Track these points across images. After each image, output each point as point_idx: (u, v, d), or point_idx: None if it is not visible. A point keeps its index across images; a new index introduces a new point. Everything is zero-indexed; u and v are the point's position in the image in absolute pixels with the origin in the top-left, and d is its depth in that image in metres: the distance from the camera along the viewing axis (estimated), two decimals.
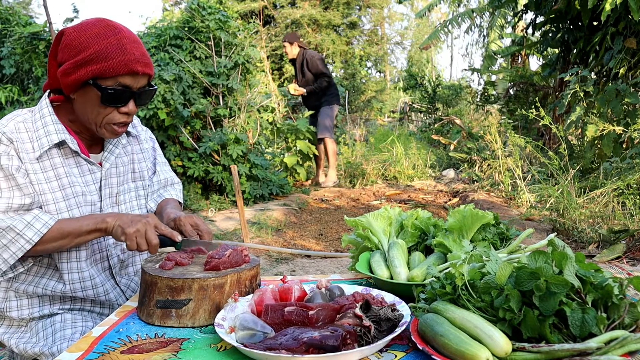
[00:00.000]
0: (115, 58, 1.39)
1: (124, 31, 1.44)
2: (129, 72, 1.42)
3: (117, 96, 1.43)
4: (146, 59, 1.45)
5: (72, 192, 1.50)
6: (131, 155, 1.70)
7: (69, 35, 1.44)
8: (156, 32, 6.41)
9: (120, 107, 1.46)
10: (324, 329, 1.02)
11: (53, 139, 1.47)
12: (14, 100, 6.30)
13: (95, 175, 1.57)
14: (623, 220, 3.86)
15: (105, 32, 1.42)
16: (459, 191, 7.12)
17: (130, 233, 1.38)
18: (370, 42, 26.55)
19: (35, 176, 1.45)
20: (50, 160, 1.48)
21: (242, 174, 6.05)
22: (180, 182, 1.93)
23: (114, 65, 1.39)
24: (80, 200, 1.51)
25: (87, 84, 1.42)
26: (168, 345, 1.12)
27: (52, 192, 1.46)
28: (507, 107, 9.69)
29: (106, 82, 1.41)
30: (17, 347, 1.53)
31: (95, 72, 1.39)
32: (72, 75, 1.41)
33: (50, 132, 1.47)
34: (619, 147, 4.93)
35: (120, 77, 1.41)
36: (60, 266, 1.51)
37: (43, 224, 1.38)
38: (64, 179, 1.49)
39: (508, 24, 11.83)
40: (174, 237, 1.45)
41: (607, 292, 0.96)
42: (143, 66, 1.44)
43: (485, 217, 1.47)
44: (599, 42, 5.88)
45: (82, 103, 1.46)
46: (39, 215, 1.39)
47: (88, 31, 1.42)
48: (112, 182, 1.62)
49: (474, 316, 0.98)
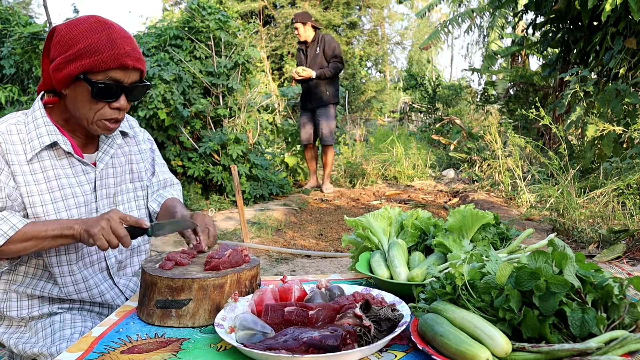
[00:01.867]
0: (105, 52, 1.39)
1: (114, 26, 1.44)
2: (119, 66, 1.41)
3: (108, 91, 1.43)
4: (137, 54, 1.45)
5: (62, 195, 1.49)
6: (129, 155, 1.69)
7: (60, 32, 1.44)
8: (156, 32, 6.41)
9: (112, 102, 1.45)
10: (324, 329, 1.02)
11: (45, 141, 1.47)
12: (14, 100, 6.29)
13: (89, 175, 1.56)
14: (623, 220, 3.85)
15: (95, 27, 1.41)
16: (459, 191, 7.12)
17: (95, 233, 1.35)
18: (370, 42, 26.56)
19: (24, 178, 1.45)
20: (40, 163, 1.48)
21: (242, 174, 6.05)
22: (180, 183, 1.92)
23: (104, 59, 1.39)
24: (70, 202, 1.50)
25: (77, 79, 1.41)
26: (168, 345, 1.12)
27: (40, 195, 1.46)
28: (507, 107, 9.69)
29: (97, 77, 1.41)
30: (16, 347, 1.53)
31: (85, 66, 1.39)
32: (63, 70, 1.41)
33: (42, 133, 1.47)
34: (619, 147, 4.93)
35: (110, 71, 1.41)
36: (52, 270, 1.51)
37: (10, 227, 1.37)
38: (53, 181, 1.48)
39: (508, 24, 11.83)
40: (141, 225, 1.41)
41: (607, 292, 0.96)
42: (134, 60, 1.43)
43: (485, 217, 1.47)
44: (599, 42, 5.88)
45: (73, 99, 1.46)
46: (7, 217, 1.38)
47: (79, 27, 1.42)
48: (109, 182, 1.61)
49: (474, 316, 0.98)
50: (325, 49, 6.68)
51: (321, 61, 6.68)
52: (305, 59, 6.81)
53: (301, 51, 6.90)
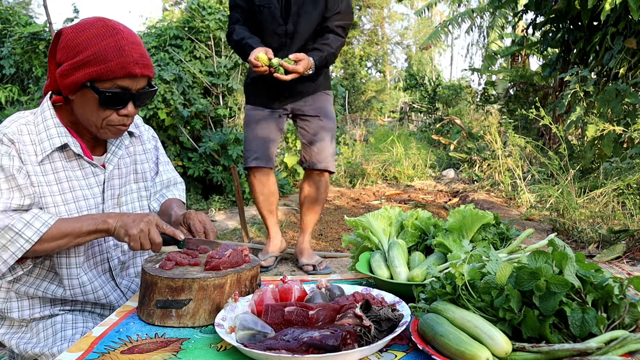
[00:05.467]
0: (112, 60, 1.36)
1: (122, 32, 1.41)
2: (127, 75, 1.39)
3: (116, 99, 1.41)
4: (145, 60, 1.43)
5: (73, 197, 1.49)
6: (133, 156, 1.69)
7: (67, 36, 1.42)
8: (156, 32, 6.41)
9: (119, 109, 1.44)
10: (324, 329, 1.02)
11: (55, 143, 1.46)
12: (14, 100, 6.29)
13: (98, 177, 1.56)
14: (623, 220, 3.85)
15: (103, 33, 1.39)
16: (459, 191, 7.12)
17: (134, 234, 1.36)
18: (370, 42, 26.56)
19: (37, 178, 1.44)
20: (52, 164, 1.47)
21: (242, 174, 6.06)
22: (183, 182, 1.91)
23: (112, 67, 1.37)
24: (81, 204, 1.50)
25: (85, 86, 1.40)
26: (168, 345, 1.12)
27: (52, 196, 1.45)
28: (507, 107, 9.69)
29: (104, 85, 1.39)
30: (17, 348, 1.53)
31: (92, 74, 1.37)
32: (69, 77, 1.39)
33: (52, 135, 1.46)
34: (619, 147, 4.93)
35: (118, 79, 1.39)
36: (60, 271, 1.51)
37: (42, 223, 1.36)
38: (64, 183, 1.48)
39: (508, 24, 11.84)
40: (176, 236, 1.43)
41: (607, 292, 0.96)
42: (142, 68, 1.41)
43: (485, 217, 1.47)
44: (599, 42, 5.88)
45: (81, 105, 1.44)
46: (39, 214, 1.37)
47: (86, 32, 1.40)
48: (114, 183, 1.61)
49: (474, 316, 0.98)
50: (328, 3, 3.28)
51: (307, 28, 3.11)
52: (274, 17, 3.17)
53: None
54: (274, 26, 3.02)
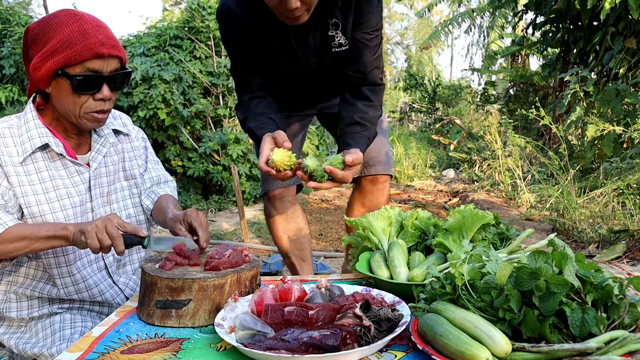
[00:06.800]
0: (78, 44, 1.38)
1: (85, 17, 1.43)
2: (95, 56, 1.40)
3: (87, 82, 1.42)
4: (112, 42, 1.43)
5: (57, 195, 1.49)
6: (122, 153, 1.69)
7: (32, 31, 1.44)
8: (156, 32, 6.41)
9: (94, 93, 1.45)
10: (323, 329, 1.02)
11: (36, 143, 1.47)
12: (14, 100, 6.29)
13: (83, 175, 1.56)
14: (623, 220, 3.85)
15: (66, 21, 1.41)
16: (459, 191, 7.12)
17: (89, 230, 1.33)
18: None
19: (19, 178, 1.45)
20: (35, 164, 1.48)
21: (242, 174, 6.05)
22: (174, 180, 1.91)
23: (78, 50, 1.38)
24: (65, 202, 1.51)
25: (57, 75, 1.41)
26: (168, 345, 1.12)
27: (35, 195, 1.46)
28: (507, 107, 9.69)
29: (74, 69, 1.40)
30: (16, 348, 1.53)
31: (61, 61, 1.39)
32: (41, 69, 1.41)
33: (33, 136, 1.48)
34: (619, 147, 4.93)
35: (87, 62, 1.40)
36: (51, 271, 1.52)
37: (0, 224, 1.37)
38: (47, 182, 1.49)
39: (508, 24, 11.84)
40: (137, 232, 1.38)
41: (607, 292, 0.96)
42: (109, 48, 1.42)
43: (485, 217, 1.47)
44: (599, 42, 5.88)
45: (57, 96, 1.46)
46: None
47: (50, 22, 1.42)
48: (102, 181, 1.61)
49: (474, 316, 0.98)
50: (364, 30, 2.11)
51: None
52: (293, 60, 2.36)
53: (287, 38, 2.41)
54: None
